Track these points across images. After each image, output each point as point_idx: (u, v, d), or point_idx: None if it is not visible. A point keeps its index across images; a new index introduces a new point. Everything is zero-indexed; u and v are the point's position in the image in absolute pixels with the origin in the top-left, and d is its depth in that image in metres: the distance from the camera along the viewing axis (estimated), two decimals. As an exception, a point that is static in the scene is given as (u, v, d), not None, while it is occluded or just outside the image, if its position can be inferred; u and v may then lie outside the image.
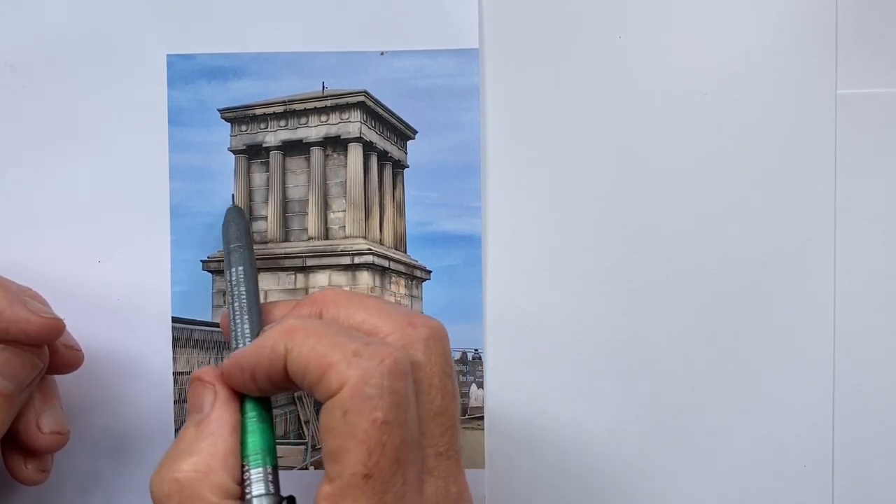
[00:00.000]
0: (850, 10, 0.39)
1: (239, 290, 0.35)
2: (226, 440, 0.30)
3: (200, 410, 0.30)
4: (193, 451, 0.29)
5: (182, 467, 0.29)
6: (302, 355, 0.29)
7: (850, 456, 0.40)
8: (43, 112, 0.40)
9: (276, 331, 0.30)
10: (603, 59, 0.40)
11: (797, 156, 0.39)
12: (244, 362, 0.30)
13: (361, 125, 0.41)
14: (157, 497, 0.29)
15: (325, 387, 0.28)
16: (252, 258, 0.36)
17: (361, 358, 0.28)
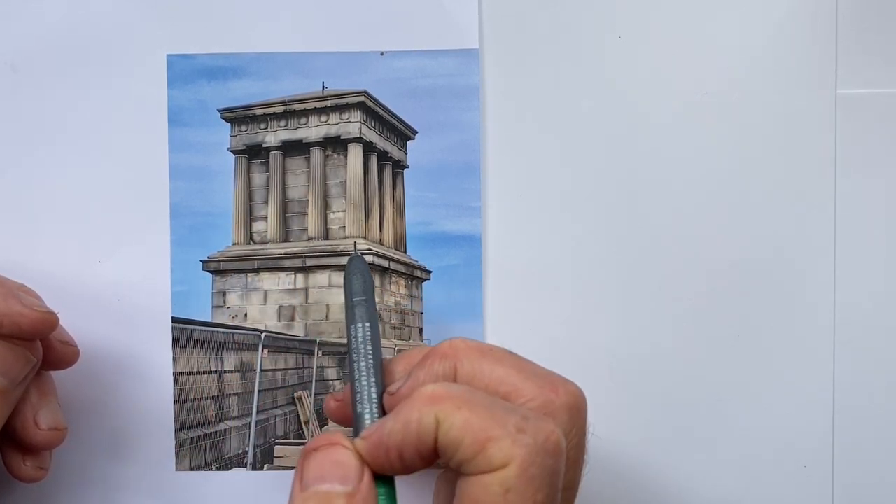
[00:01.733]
0: (850, 10, 0.39)
1: (365, 349, 0.32)
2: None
3: (346, 482, 0.27)
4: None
5: None
6: (455, 428, 0.26)
7: (850, 456, 0.40)
8: (43, 112, 0.40)
9: (421, 401, 0.27)
10: (603, 59, 0.40)
11: (797, 156, 0.39)
12: (390, 443, 0.27)
13: (361, 125, 0.41)
14: None
15: (485, 462, 0.26)
16: (376, 312, 0.33)
17: (526, 435, 0.26)
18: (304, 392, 0.42)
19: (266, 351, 0.41)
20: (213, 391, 0.41)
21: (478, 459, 0.26)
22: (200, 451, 0.40)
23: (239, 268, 0.41)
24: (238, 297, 0.41)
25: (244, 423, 0.41)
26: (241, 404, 0.41)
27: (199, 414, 0.40)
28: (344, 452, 0.28)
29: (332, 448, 0.28)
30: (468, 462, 0.26)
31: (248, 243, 0.41)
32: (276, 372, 0.42)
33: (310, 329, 0.41)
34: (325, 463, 0.28)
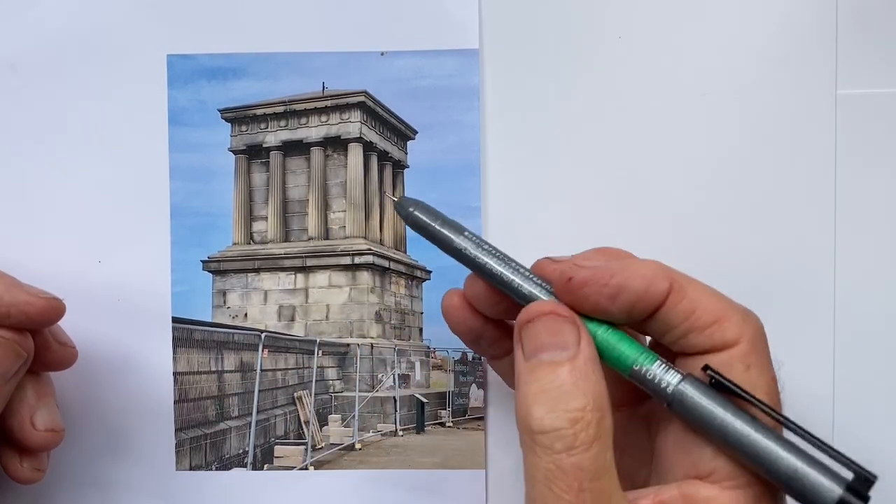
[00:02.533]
0: (850, 10, 0.39)
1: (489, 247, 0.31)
2: (603, 380, 0.28)
3: (566, 347, 0.28)
4: (584, 390, 0.27)
5: (583, 405, 0.27)
6: (690, 297, 0.28)
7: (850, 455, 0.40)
8: (43, 112, 0.40)
9: (654, 265, 0.29)
10: (603, 59, 0.40)
11: (797, 156, 0.39)
12: (614, 281, 0.29)
13: (361, 125, 0.41)
14: (556, 435, 0.27)
15: (718, 335, 0.28)
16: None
17: (750, 319, 0.28)
18: (304, 392, 0.42)
19: (266, 351, 0.41)
20: (214, 391, 0.41)
21: (711, 331, 0.28)
22: (200, 451, 0.40)
23: (239, 268, 0.41)
24: (238, 297, 0.41)
25: (244, 423, 0.41)
26: (241, 404, 0.41)
27: (199, 414, 0.40)
28: (558, 320, 0.29)
29: (546, 317, 0.29)
30: (697, 333, 0.28)
31: (249, 243, 0.41)
32: (276, 372, 0.42)
33: (310, 329, 0.41)
34: (541, 333, 0.29)
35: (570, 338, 0.28)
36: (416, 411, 0.42)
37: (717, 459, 0.27)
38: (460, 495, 0.40)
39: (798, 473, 0.27)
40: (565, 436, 0.26)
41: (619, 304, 0.29)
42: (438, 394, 0.41)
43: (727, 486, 0.27)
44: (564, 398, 0.27)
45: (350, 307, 0.41)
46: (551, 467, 0.26)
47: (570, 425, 0.27)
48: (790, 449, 0.27)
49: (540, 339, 0.29)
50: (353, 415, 0.41)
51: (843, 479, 0.26)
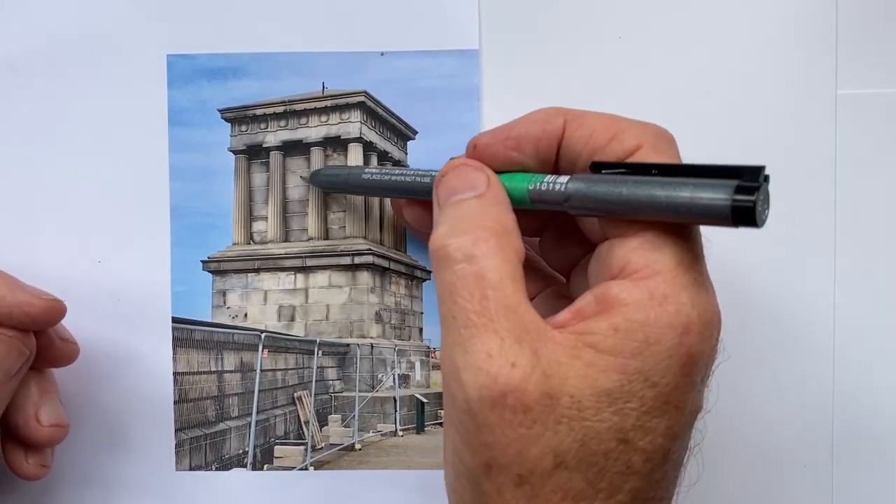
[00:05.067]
0: (850, 10, 0.39)
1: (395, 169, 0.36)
2: (512, 211, 0.29)
3: (474, 188, 0.30)
4: (487, 214, 0.29)
5: (484, 223, 0.28)
6: (585, 124, 0.30)
7: (850, 456, 0.40)
8: (43, 112, 0.40)
9: (549, 108, 0.31)
10: (603, 59, 0.40)
11: (797, 156, 0.39)
12: (513, 133, 0.31)
13: (361, 125, 0.41)
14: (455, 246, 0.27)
15: (617, 148, 0.29)
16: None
17: (649, 127, 0.29)
18: (304, 392, 0.42)
19: (266, 351, 0.41)
20: (213, 391, 0.41)
21: (610, 147, 0.29)
22: (200, 451, 0.40)
23: (239, 268, 0.41)
24: (238, 297, 0.41)
25: (244, 423, 0.41)
26: (241, 404, 0.41)
27: (199, 414, 0.40)
28: (467, 169, 0.31)
29: (458, 168, 0.31)
30: (599, 153, 0.29)
31: (249, 243, 0.41)
32: (276, 372, 0.42)
33: (310, 329, 0.41)
34: (452, 181, 0.30)
35: (479, 180, 0.30)
36: (416, 411, 0.42)
37: (629, 255, 0.27)
38: (460, 495, 0.40)
39: (688, 201, 0.26)
40: (465, 245, 0.27)
41: (525, 151, 0.30)
42: (438, 394, 0.41)
43: (636, 277, 0.27)
44: (466, 219, 0.28)
45: (350, 307, 0.41)
46: (453, 279, 0.27)
47: (472, 241, 0.27)
48: (673, 185, 0.27)
49: (452, 185, 0.30)
50: (353, 415, 0.41)
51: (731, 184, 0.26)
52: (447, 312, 0.27)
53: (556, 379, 0.26)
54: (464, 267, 0.27)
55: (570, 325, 0.27)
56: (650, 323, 0.26)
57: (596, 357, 0.26)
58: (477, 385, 0.26)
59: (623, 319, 0.26)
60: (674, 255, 0.27)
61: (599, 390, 0.26)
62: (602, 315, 0.27)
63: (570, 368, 0.26)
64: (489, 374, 0.26)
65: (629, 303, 0.26)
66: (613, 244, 0.28)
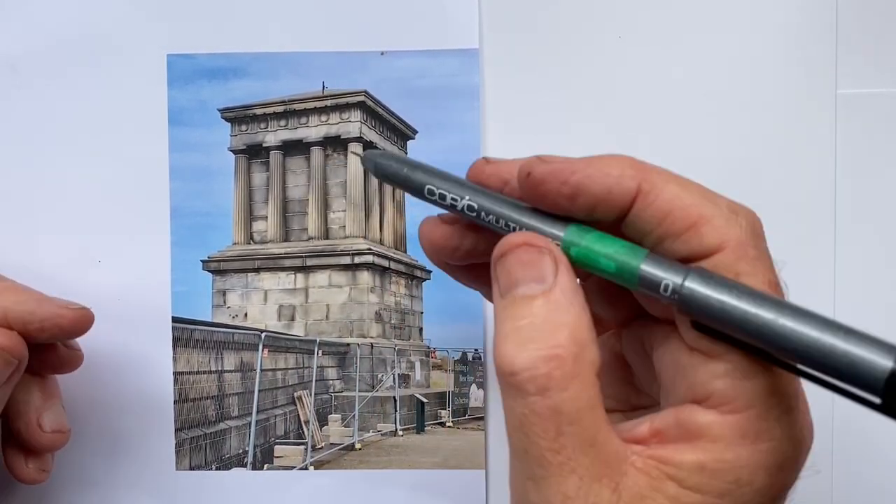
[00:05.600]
0: (850, 10, 0.39)
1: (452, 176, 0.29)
2: (586, 309, 0.25)
3: (541, 280, 0.25)
4: (559, 325, 0.24)
5: (557, 341, 0.24)
6: (663, 199, 0.25)
7: (850, 456, 0.40)
8: (43, 112, 0.40)
9: (622, 161, 0.26)
10: (603, 59, 0.40)
11: (797, 156, 0.39)
12: (573, 180, 0.26)
13: (361, 125, 0.41)
14: (528, 376, 0.24)
15: (696, 242, 0.25)
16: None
17: (739, 217, 0.25)
18: (304, 392, 0.42)
19: (266, 351, 0.41)
20: (213, 391, 0.41)
21: (687, 236, 0.25)
22: (200, 451, 0.40)
23: (239, 268, 0.41)
24: (238, 296, 0.41)
25: (244, 422, 0.41)
26: (241, 404, 0.41)
27: (199, 414, 0.40)
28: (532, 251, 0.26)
29: (521, 248, 0.26)
30: (673, 239, 0.25)
31: (249, 243, 0.41)
32: (276, 372, 0.42)
33: (310, 329, 0.41)
34: (513, 266, 0.26)
35: (546, 269, 0.25)
36: (416, 411, 0.42)
37: (716, 381, 0.24)
38: (460, 495, 0.40)
39: (836, 350, 0.23)
40: (537, 376, 0.24)
41: (580, 205, 0.26)
42: (438, 394, 0.41)
43: (725, 410, 0.24)
44: (537, 334, 0.24)
45: (350, 307, 0.41)
46: (525, 412, 0.24)
47: (544, 364, 0.24)
48: (821, 325, 0.23)
49: (514, 274, 0.26)
50: (353, 415, 0.41)
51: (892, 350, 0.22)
52: (518, 444, 0.24)
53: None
54: (537, 401, 0.24)
55: (649, 446, 0.25)
56: (742, 464, 0.24)
57: (681, 493, 0.24)
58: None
59: (712, 458, 0.24)
60: (767, 383, 0.24)
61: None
62: (686, 445, 0.24)
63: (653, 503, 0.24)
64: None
65: (718, 439, 0.24)
66: (698, 361, 0.25)
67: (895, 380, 0.21)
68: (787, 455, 0.24)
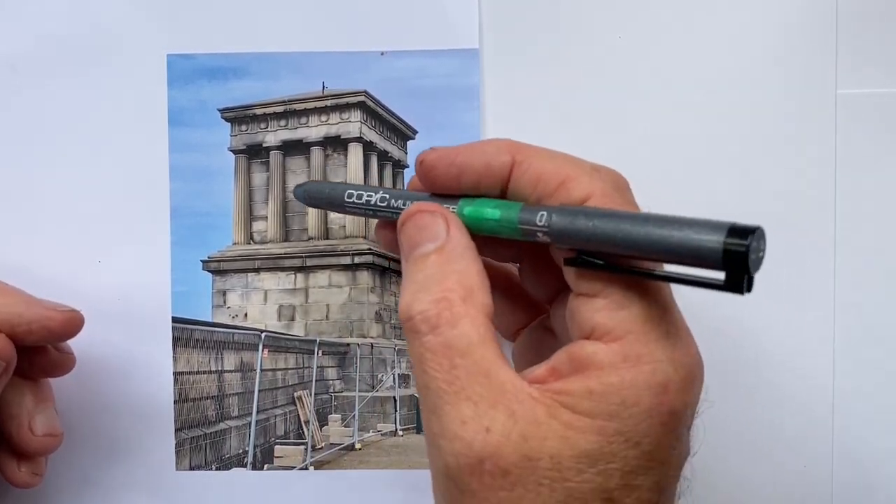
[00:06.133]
0: (850, 10, 0.39)
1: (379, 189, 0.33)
2: (477, 260, 0.28)
3: (435, 238, 0.29)
4: (449, 273, 0.28)
5: (446, 286, 0.27)
6: (534, 166, 0.29)
7: (850, 456, 0.40)
8: (43, 112, 0.40)
9: (498, 141, 0.30)
10: (603, 59, 0.40)
11: (797, 156, 0.39)
12: (458, 160, 0.30)
13: (361, 125, 0.41)
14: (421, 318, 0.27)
15: (565, 196, 0.28)
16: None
17: (600, 173, 0.29)
18: (304, 392, 0.42)
19: (266, 351, 0.41)
20: (213, 391, 0.41)
21: (558, 194, 0.28)
22: (200, 451, 0.40)
23: (239, 268, 0.41)
24: (238, 296, 0.41)
25: (244, 422, 0.41)
26: (241, 404, 0.41)
27: (199, 414, 0.40)
28: (426, 216, 0.29)
29: (416, 216, 0.30)
30: (546, 199, 0.28)
31: (249, 243, 0.41)
32: (276, 372, 0.42)
33: (310, 329, 0.41)
34: (410, 231, 0.29)
35: (440, 228, 0.29)
36: (416, 411, 0.42)
37: (596, 315, 0.27)
38: (460, 495, 0.40)
39: (672, 239, 0.25)
40: (429, 317, 0.27)
41: (465, 182, 0.29)
42: (438, 394, 0.41)
43: (608, 339, 0.26)
44: (431, 283, 0.28)
45: (350, 307, 0.41)
46: (421, 350, 0.27)
47: (434, 306, 0.27)
48: (659, 222, 0.25)
49: (413, 237, 0.29)
50: (353, 415, 0.41)
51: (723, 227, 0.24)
52: (420, 382, 0.27)
53: (534, 440, 0.25)
54: (430, 339, 0.27)
55: (547, 383, 0.27)
56: (626, 385, 0.26)
57: (573, 418, 0.26)
58: (454, 452, 0.26)
59: (598, 382, 0.26)
60: (641, 310, 0.27)
61: (579, 452, 0.25)
62: (577, 376, 0.26)
63: (549, 429, 0.26)
64: (464, 441, 0.26)
65: (603, 365, 0.26)
66: (581, 302, 0.27)
67: (730, 252, 0.24)
68: (669, 376, 0.26)
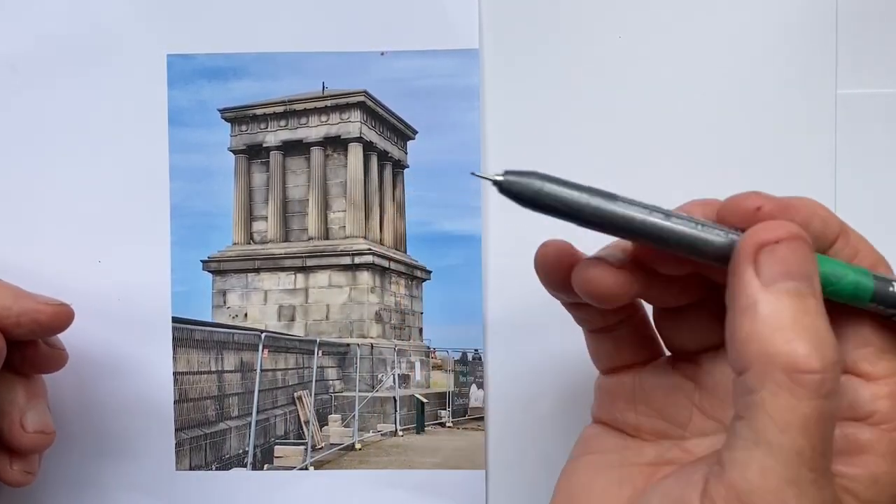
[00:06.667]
0: (850, 10, 0.39)
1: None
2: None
3: (809, 279, 0.25)
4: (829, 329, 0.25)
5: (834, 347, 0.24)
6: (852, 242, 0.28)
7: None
8: (43, 112, 0.40)
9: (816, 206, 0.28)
10: (603, 59, 0.40)
11: (797, 156, 0.39)
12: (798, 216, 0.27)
13: (361, 125, 0.41)
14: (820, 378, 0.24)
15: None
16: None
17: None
18: (304, 392, 0.42)
19: (266, 351, 0.41)
20: (213, 391, 0.41)
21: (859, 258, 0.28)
22: (200, 451, 0.40)
23: (239, 268, 0.41)
24: (238, 297, 0.41)
25: (244, 423, 0.41)
26: (241, 404, 0.41)
27: (199, 414, 0.40)
28: (805, 247, 0.26)
29: (795, 243, 0.26)
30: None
31: (249, 243, 0.41)
32: (276, 372, 0.42)
33: (310, 329, 0.41)
34: (788, 257, 0.25)
35: (813, 268, 0.25)
36: (416, 411, 0.42)
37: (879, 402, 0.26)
38: (460, 495, 0.40)
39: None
40: (830, 379, 0.24)
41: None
42: (438, 394, 0.41)
43: (886, 429, 0.26)
44: (825, 336, 0.24)
45: (350, 307, 0.41)
46: (809, 413, 0.23)
47: (833, 368, 0.24)
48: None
49: (787, 265, 0.25)
50: (353, 415, 0.41)
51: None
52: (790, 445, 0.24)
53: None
54: (823, 403, 0.24)
55: None
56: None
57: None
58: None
59: (882, 472, 0.25)
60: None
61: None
62: (853, 458, 0.26)
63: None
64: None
65: (885, 455, 0.25)
66: (859, 383, 0.26)
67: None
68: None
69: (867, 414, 0.26)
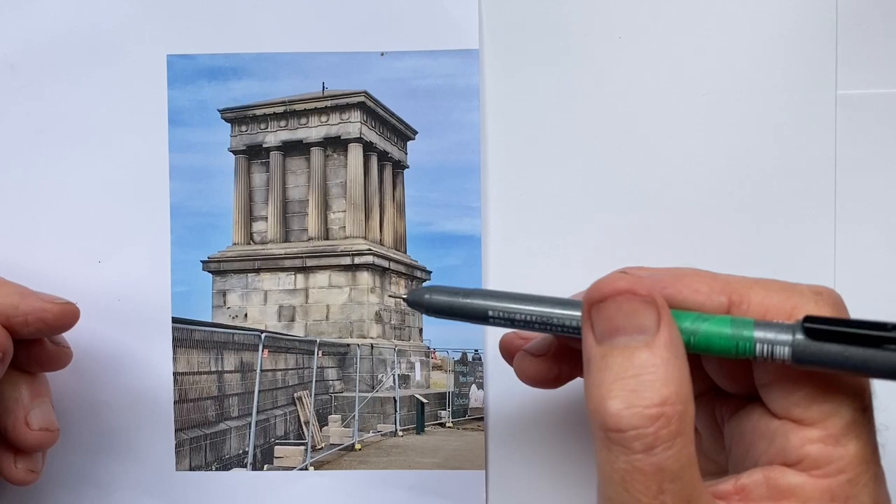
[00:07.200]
0: (850, 10, 0.39)
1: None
2: (686, 364, 0.25)
3: (643, 331, 0.25)
4: (665, 380, 0.24)
5: (664, 396, 0.24)
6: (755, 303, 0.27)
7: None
8: (43, 112, 0.40)
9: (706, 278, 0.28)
10: (603, 59, 0.40)
11: (797, 156, 0.39)
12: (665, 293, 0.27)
13: (361, 125, 0.41)
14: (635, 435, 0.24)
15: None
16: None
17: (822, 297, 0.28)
18: (304, 392, 0.42)
19: (266, 351, 0.41)
20: (213, 391, 0.41)
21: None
22: (200, 451, 0.40)
23: (239, 268, 0.41)
24: (238, 297, 0.41)
25: (244, 423, 0.41)
26: (241, 404, 0.41)
27: (199, 414, 0.40)
28: (636, 300, 0.26)
29: (623, 296, 0.26)
30: None
31: (249, 243, 0.41)
32: (276, 372, 0.42)
33: (310, 329, 0.41)
34: (614, 315, 0.26)
35: (649, 320, 0.25)
36: (416, 412, 0.42)
37: (809, 447, 0.25)
38: (460, 495, 0.40)
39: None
40: (644, 435, 0.24)
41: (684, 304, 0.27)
42: (438, 394, 0.41)
43: (817, 474, 0.25)
44: (643, 390, 0.24)
45: (350, 307, 0.41)
46: (628, 468, 0.24)
47: (651, 423, 0.24)
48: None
49: (614, 321, 0.25)
50: (353, 415, 0.41)
51: None
52: (616, 498, 0.24)
53: None
54: (641, 458, 0.24)
55: (731, 501, 0.26)
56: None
57: None
58: None
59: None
60: (858, 450, 0.25)
61: None
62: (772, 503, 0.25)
63: None
64: None
65: (808, 500, 0.25)
66: (790, 428, 0.26)
67: None
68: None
69: (797, 459, 0.26)
